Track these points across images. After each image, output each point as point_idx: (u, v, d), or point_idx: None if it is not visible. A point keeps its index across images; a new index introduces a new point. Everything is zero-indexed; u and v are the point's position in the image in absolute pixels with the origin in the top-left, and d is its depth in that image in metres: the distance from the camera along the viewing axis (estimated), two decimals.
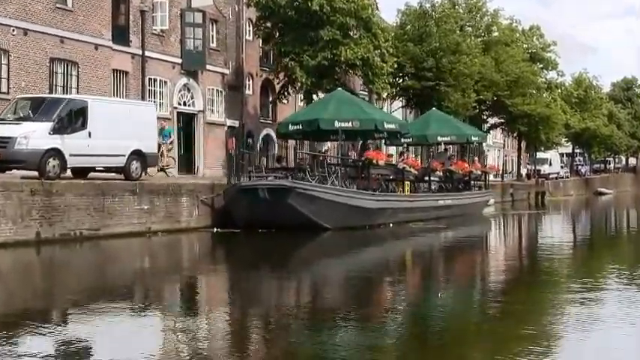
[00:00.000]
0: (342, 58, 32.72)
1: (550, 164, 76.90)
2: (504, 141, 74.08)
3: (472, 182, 36.95)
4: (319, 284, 15.66)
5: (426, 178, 32.51)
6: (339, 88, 29.23)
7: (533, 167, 73.33)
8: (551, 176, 73.93)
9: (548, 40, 67.77)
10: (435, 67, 44.62)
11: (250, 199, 23.61)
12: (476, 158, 38.77)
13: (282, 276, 16.33)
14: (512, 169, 78.89)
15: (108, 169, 23.43)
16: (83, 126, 21.73)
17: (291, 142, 38.19)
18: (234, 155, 24.60)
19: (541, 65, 67.25)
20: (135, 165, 23.36)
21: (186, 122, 35.91)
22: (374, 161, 25.83)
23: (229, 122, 38.26)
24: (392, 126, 27.35)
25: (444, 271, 17.77)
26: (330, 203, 24.00)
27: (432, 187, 33.84)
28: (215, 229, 24.39)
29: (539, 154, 75.95)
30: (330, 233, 24.00)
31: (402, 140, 35.17)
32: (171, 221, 23.75)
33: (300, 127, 26.52)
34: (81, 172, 22.81)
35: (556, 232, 30.97)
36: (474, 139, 36.68)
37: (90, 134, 21.76)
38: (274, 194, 23.32)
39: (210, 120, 36.62)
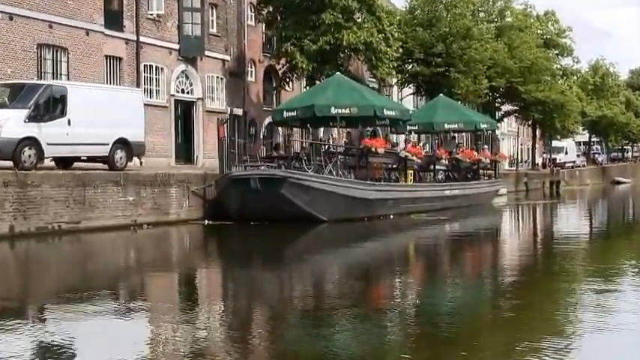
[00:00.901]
0: (344, 43, 31.37)
1: (566, 153, 75.34)
2: (517, 129, 72.50)
3: (481, 171, 35.54)
4: (311, 280, 14.52)
5: (433, 167, 31.07)
6: (338, 73, 27.85)
7: (548, 156, 71.81)
8: (567, 165, 72.53)
9: (563, 26, 66.08)
10: (444, 53, 43.24)
11: (242, 190, 22.45)
12: (485, 146, 37.28)
13: (271, 272, 15.18)
14: (528, 158, 77.43)
15: (92, 159, 22.28)
16: (62, 113, 20.62)
17: (296, 130, 37.00)
18: (226, 143, 23.39)
19: (556, 51, 65.60)
20: (119, 154, 22.22)
21: (185, 110, 34.71)
22: (372, 149, 24.40)
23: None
24: (392, 113, 25.90)
25: (444, 267, 16.40)
26: (325, 194, 22.75)
27: (440, 176, 32.55)
28: (206, 222, 23.25)
29: (555, 143, 74.37)
30: (326, 225, 22.76)
31: (408, 128, 33.87)
32: (159, 213, 22.60)
33: (296, 113, 25.18)
34: (64, 163, 21.75)
35: (569, 223, 29.54)
36: (483, 126, 35.19)
37: (69, 122, 20.65)
38: (266, 184, 22.12)
39: (210, 108, 35.37)
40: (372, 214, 24.52)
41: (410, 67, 44.93)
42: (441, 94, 36.63)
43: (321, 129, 36.45)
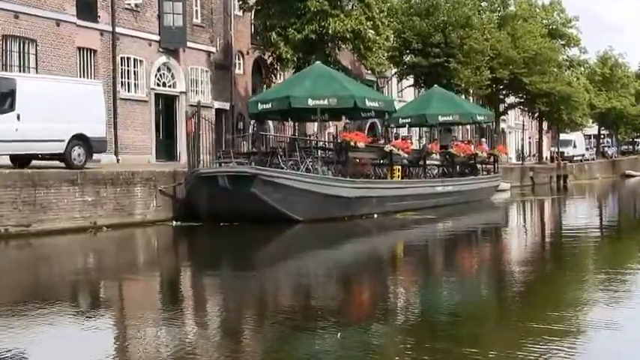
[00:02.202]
0: (330, 31, 29.63)
1: (574, 146, 73.35)
2: (523, 122, 70.62)
3: (479, 166, 33.69)
4: (284, 288, 12.95)
5: (423, 162, 29.10)
6: (318, 62, 26.07)
7: (556, 149, 69.89)
8: (575, 158, 70.59)
9: (569, 15, 64.06)
10: (443, 43, 41.49)
11: (210, 188, 20.85)
12: (483, 140, 35.47)
13: (238, 279, 13.62)
14: (536, 152, 75.57)
15: (50, 157, 20.69)
16: (11, 107, 19.13)
17: (289, 125, 35.38)
18: (196, 138, 21.80)
19: (562, 42, 63.68)
20: (77, 151, 20.62)
21: (167, 105, 33.09)
22: (351, 143, 22.53)
23: (217, 104, 35.46)
24: (375, 104, 24.06)
25: (419, 276, 14.64)
26: (300, 192, 21.03)
27: (435, 171, 30.77)
28: (174, 223, 21.66)
29: (563, 136, 72.40)
30: (301, 226, 21.03)
31: (401, 121, 32.17)
32: (123, 214, 20.98)
33: (271, 105, 23.40)
34: (20, 161, 20.13)
35: (573, 220, 27.59)
36: (479, 118, 33.29)
37: (19, 117, 19.10)
38: (236, 182, 20.47)
39: (193, 102, 33.63)
40: (353, 213, 22.74)
41: (407, 58, 43.23)
42: (436, 85, 34.83)
43: (315, 123, 34.81)
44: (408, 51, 42.89)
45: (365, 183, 23.56)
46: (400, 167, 26.24)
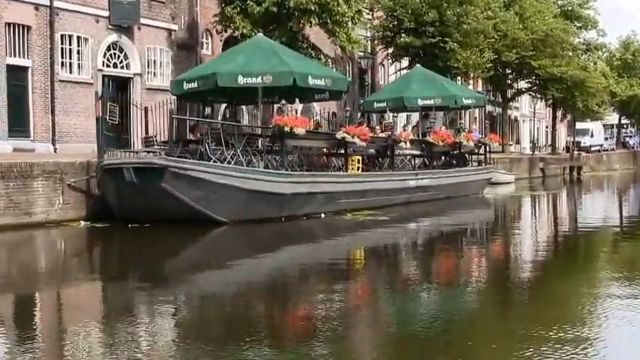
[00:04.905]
0: (292, 3, 26.12)
1: (591, 135, 69.38)
2: (534, 110, 66.72)
3: (468, 156, 30.00)
4: (195, 310, 10.07)
5: (391, 152, 24.99)
6: (260, 34, 22.55)
7: (572, 139, 66.03)
8: (593, 149, 66.76)
9: None
10: (438, 21, 37.90)
11: (117, 182, 17.57)
12: (474, 127, 31.80)
13: (139, 298, 10.75)
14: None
15: None
16: None
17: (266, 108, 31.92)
18: (102, 123, 18.55)
19: (579, 24, 59.63)
20: None
21: (119, 88, 29.70)
22: (286, 129, 18.87)
23: None
24: (320, 81, 20.16)
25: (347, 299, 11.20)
26: (223, 188, 17.58)
27: (413, 163, 27.12)
28: (81, 223, 18.38)
29: (580, 125, 68.41)
30: (225, 229, 17.52)
31: (375, 105, 28.69)
32: (17, 214, 17.68)
33: (197, 85, 19.84)
34: None
35: (579, 219, 23.57)
36: (466, 101, 29.48)
37: None
38: (143, 175, 17.12)
39: (150, 85, 30.40)
40: (293, 212, 19.03)
41: (401, 39, 39.66)
42: (418, 65, 31.22)
43: (300, 107, 31.31)
44: (402, 30, 39.41)
45: (306, 177, 19.86)
46: (361, 158, 22.59)
